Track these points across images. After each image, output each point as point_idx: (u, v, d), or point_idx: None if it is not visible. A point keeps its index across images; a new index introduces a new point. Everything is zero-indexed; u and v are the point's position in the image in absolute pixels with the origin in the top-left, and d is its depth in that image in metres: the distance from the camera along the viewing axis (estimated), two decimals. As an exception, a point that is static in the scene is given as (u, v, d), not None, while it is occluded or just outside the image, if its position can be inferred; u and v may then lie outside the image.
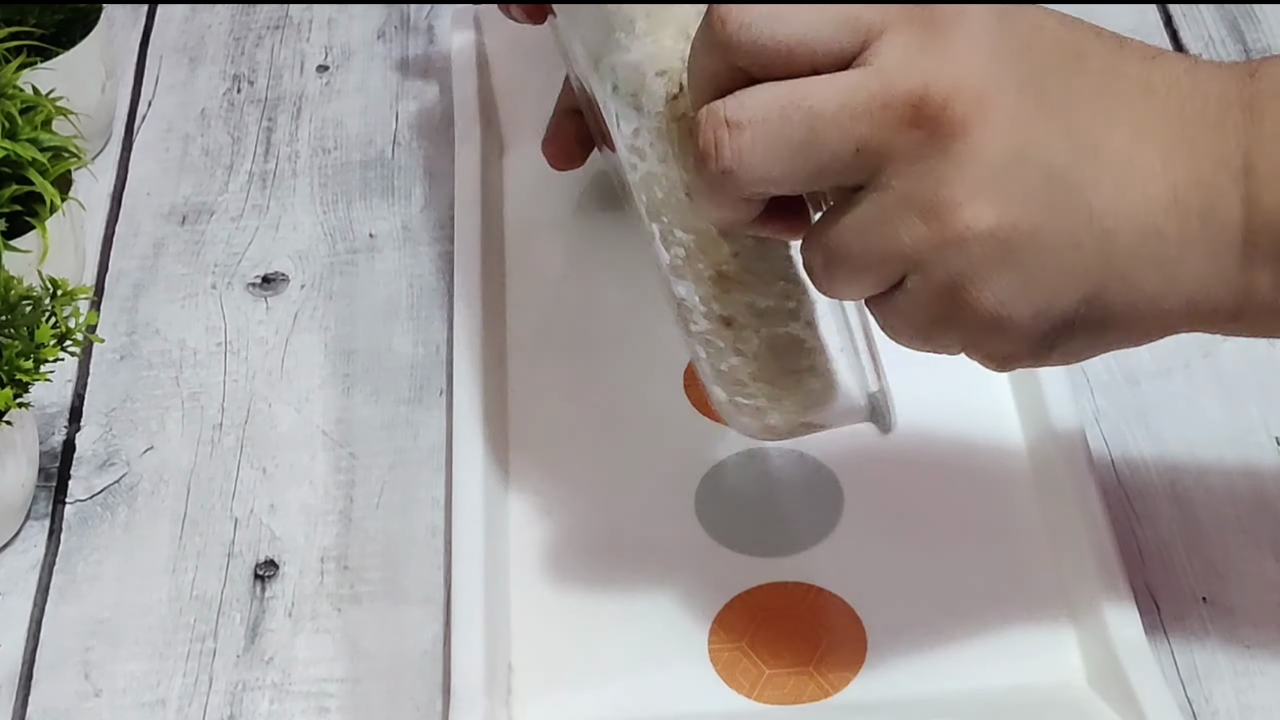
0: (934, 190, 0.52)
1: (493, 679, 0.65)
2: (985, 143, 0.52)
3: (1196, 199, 0.54)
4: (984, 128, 0.52)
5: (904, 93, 0.52)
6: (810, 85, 0.52)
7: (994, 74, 0.52)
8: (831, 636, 0.68)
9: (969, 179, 0.52)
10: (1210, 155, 0.54)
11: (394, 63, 0.95)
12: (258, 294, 0.84)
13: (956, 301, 0.54)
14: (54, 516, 0.75)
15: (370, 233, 0.86)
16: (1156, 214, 0.54)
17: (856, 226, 0.54)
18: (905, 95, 0.52)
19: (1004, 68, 0.53)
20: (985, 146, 0.52)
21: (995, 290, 0.54)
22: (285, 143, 0.91)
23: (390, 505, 0.74)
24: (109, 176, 0.90)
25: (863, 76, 0.52)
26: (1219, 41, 0.91)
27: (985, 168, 0.52)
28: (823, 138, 0.52)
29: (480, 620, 0.66)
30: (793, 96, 0.52)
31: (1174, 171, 0.54)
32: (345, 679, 0.69)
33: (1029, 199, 0.53)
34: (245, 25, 0.98)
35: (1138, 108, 0.55)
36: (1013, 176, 0.52)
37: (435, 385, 0.79)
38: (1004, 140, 0.52)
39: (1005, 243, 0.53)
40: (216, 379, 0.80)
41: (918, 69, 0.52)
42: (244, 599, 0.72)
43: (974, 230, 0.52)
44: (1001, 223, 0.53)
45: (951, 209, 0.52)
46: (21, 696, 0.69)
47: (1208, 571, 0.70)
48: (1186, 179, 0.54)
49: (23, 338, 0.70)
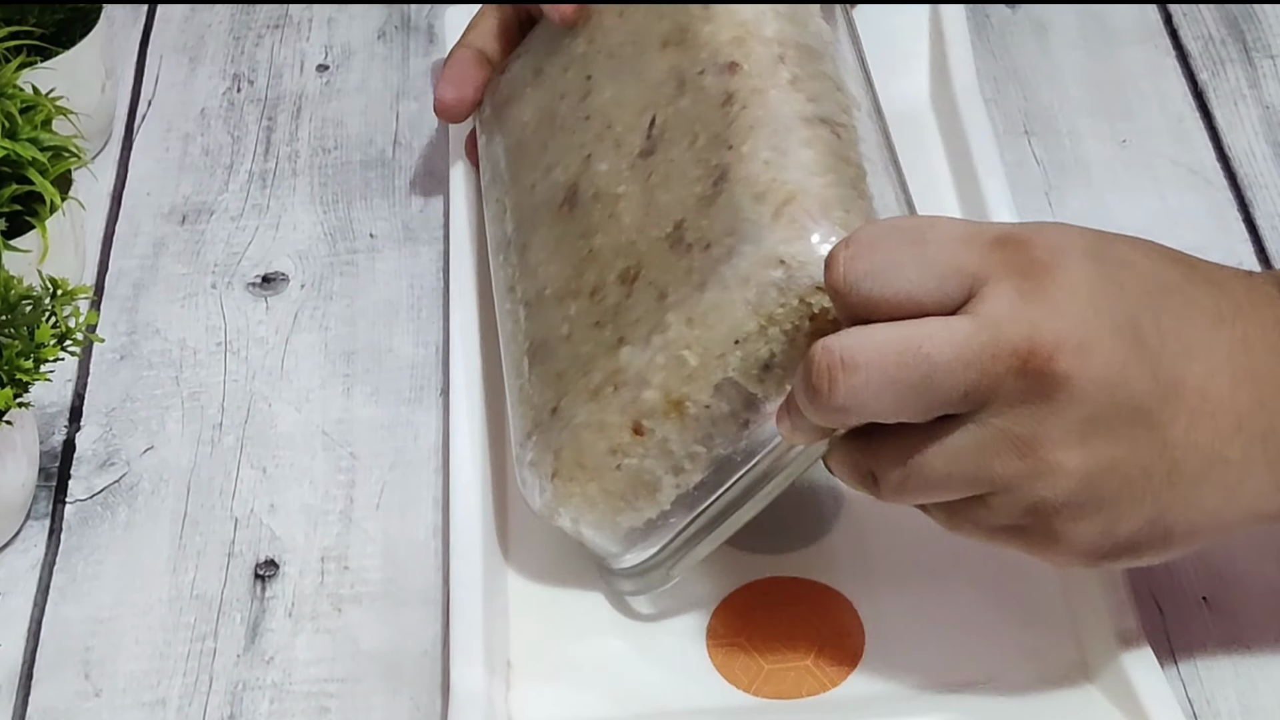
0: (1032, 429, 0.56)
1: (492, 677, 0.65)
2: (1084, 390, 0.56)
3: (1260, 422, 0.58)
4: (1084, 376, 0.56)
5: (1013, 345, 0.55)
6: (925, 333, 0.56)
7: (1093, 322, 0.56)
8: (830, 631, 0.68)
9: (1067, 422, 0.56)
10: (1272, 380, 0.58)
11: (394, 62, 0.95)
12: (258, 294, 0.84)
13: (1033, 521, 0.58)
14: (54, 516, 0.75)
15: (370, 233, 0.86)
16: (1222, 442, 0.58)
17: (949, 453, 0.57)
18: (1014, 348, 0.55)
19: (1101, 314, 0.56)
20: (1084, 393, 0.56)
21: (1071, 515, 0.57)
22: (285, 142, 0.91)
23: (390, 505, 0.74)
24: (109, 176, 0.90)
25: (974, 327, 0.56)
26: (1219, 41, 0.91)
27: (1083, 413, 0.56)
28: (936, 383, 0.56)
29: (479, 618, 0.66)
30: (909, 343, 0.56)
31: (1240, 399, 0.58)
32: (345, 679, 0.69)
33: (1116, 438, 0.56)
34: (245, 25, 0.98)
35: (1211, 340, 0.58)
36: (1105, 419, 0.56)
37: (435, 385, 0.79)
38: (1101, 386, 0.56)
39: (1089, 477, 0.57)
40: (216, 379, 0.80)
41: (1023, 320, 0.55)
42: (244, 599, 0.72)
43: (1066, 468, 0.56)
44: (1090, 461, 0.56)
45: (1048, 447, 0.56)
46: (22, 696, 0.69)
47: (1209, 573, 0.70)
48: (1250, 404, 0.58)
49: (23, 337, 0.70)
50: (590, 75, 0.71)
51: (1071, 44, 0.92)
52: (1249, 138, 0.86)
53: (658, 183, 0.64)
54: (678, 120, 0.65)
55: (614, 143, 0.68)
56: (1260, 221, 0.83)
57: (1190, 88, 0.89)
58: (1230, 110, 0.88)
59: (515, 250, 0.71)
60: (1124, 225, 0.82)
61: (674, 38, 0.67)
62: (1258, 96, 0.88)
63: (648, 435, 0.62)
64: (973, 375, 0.56)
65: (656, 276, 0.63)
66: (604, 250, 0.66)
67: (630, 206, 0.65)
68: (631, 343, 0.63)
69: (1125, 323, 0.57)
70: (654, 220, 0.64)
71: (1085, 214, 0.83)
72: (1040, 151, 0.87)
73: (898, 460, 0.58)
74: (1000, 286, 0.56)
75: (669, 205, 0.64)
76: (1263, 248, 0.81)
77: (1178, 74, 0.90)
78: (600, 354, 0.64)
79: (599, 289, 0.65)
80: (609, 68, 0.70)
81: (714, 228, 0.61)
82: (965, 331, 0.56)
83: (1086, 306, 0.56)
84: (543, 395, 0.66)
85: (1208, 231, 0.82)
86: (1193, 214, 0.83)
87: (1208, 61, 0.90)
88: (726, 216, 0.61)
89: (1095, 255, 0.58)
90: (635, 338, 0.63)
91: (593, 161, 0.68)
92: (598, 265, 0.66)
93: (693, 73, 0.65)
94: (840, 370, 0.56)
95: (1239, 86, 0.89)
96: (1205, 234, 0.82)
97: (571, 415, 0.64)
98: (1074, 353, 0.55)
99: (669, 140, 0.65)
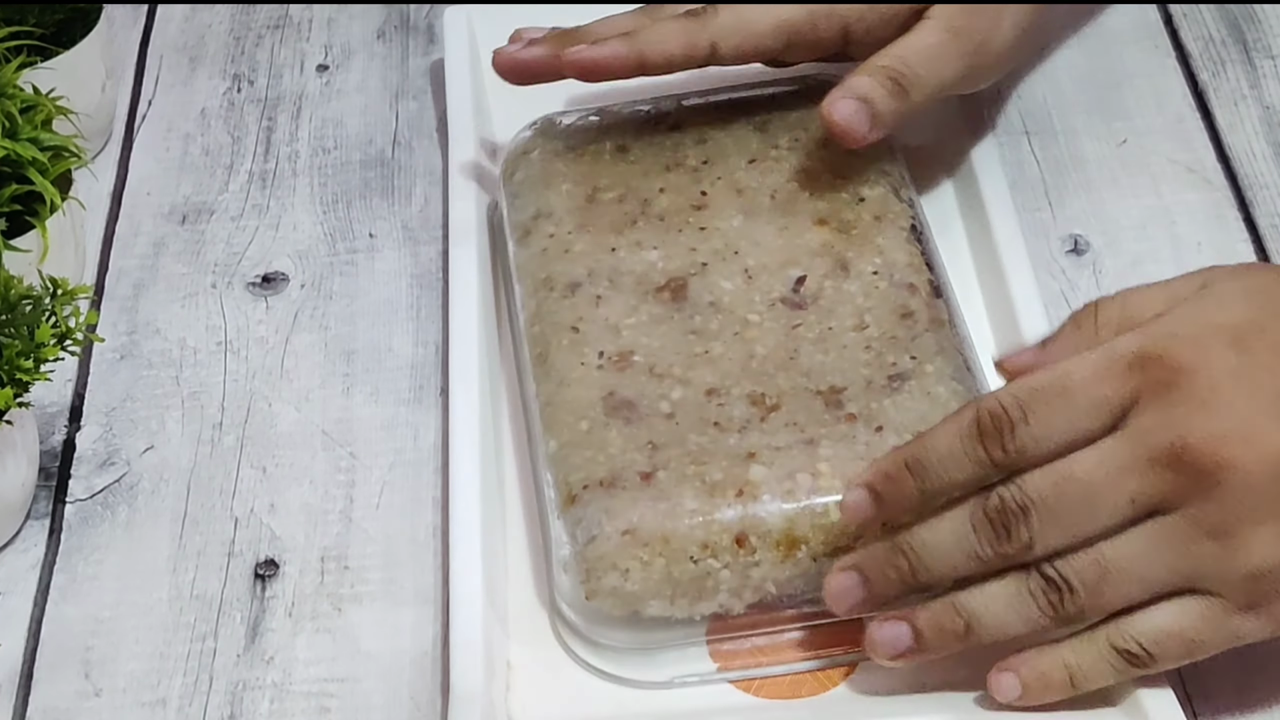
0: (1215, 514, 0.59)
1: (492, 677, 0.65)
2: (1252, 472, 0.59)
3: None
4: (1247, 459, 0.59)
5: (1163, 447, 0.59)
6: (1075, 458, 0.60)
7: (1242, 407, 0.59)
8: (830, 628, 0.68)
9: (1248, 502, 0.59)
10: None
11: (394, 62, 0.95)
12: (258, 293, 0.84)
13: (1258, 594, 0.60)
14: (54, 516, 0.75)
15: (370, 232, 0.86)
16: None
17: (1140, 552, 0.60)
18: (1165, 449, 0.59)
19: (1253, 398, 0.59)
20: (1253, 474, 0.59)
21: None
22: (285, 142, 0.91)
23: (390, 505, 0.74)
24: (109, 176, 0.90)
25: (1120, 441, 0.60)
26: (1219, 42, 0.91)
27: (1260, 492, 0.59)
28: (1096, 500, 0.60)
29: (479, 618, 0.66)
30: (1059, 472, 0.60)
31: None
32: (345, 679, 0.69)
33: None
34: (245, 25, 0.98)
35: None
36: (1277, 494, 0.59)
37: (435, 385, 0.79)
38: (1268, 463, 0.59)
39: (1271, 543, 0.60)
40: (216, 378, 0.80)
41: (1170, 424, 0.59)
42: (244, 598, 0.72)
43: (1264, 538, 0.59)
44: (1271, 533, 0.59)
45: (1236, 525, 0.59)
46: (22, 696, 0.69)
47: (1208, 571, 0.70)
48: None
49: (23, 337, 0.70)
50: (705, 192, 0.77)
51: (1071, 43, 0.92)
52: (1249, 138, 0.86)
53: (811, 339, 0.71)
54: (839, 298, 0.72)
55: (743, 271, 0.74)
56: (1260, 221, 0.83)
57: (1190, 88, 0.89)
58: (1230, 110, 0.88)
59: (584, 295, 0.73)
60: (1122, 225, 0.83)
61: (832, 222, 0.75)
62: (1258, 97, 0.88)
63: (745, 551, 0.65)
64: (1132, 484, 0.59)
65: (803, 422, 0.68)
66: (725, 361, 0.70)
67: (766, 340, 0.71)
68: (767, 465, 0.66)
69: (1276, 400, 0.60)
70: (802, 370, 0.69)
71: (1084, 213, 0.83)
72: (1039, 151, 0.87)
73: (1093, 567, 0.60)
74: (1145, 403, 0.60)
75: (825, 366, 0.69)
76: (1263, 248, 0.81)
77: (1178, 74, 0.90)
78: (721, 456, 0.67)
79: (717, 393, 0.69)
80: (734, 200, 0.77)
81: (892, 418, 0.67)
82: (1111, 446, 0.60)
83: (1234, 396, 0.59)
84: (626, 453, 0.67)
85: (1207, 231, 0.82)
86: (1192, 214, 0.83)
87: (1208, 62, 0.90)
88: (911, 417, 0.67)
89: (1239, 343, 0.61)
90: (773, 463, 0.66)
91: (710, 272, 0.74)
92: (716, 371, 0.70)
93: (864, 269, 0.73)
94: (1016, 518, 0.60)
95: (1239, 87, 0.89)
96: (1205, 234, 0.82)
97: (676, 494, 0.66)
98: (1227, 442, 0.59)
99: (826, 309, 0.72)
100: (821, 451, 0.66)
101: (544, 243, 0.76)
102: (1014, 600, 0.62)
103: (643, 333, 0.71)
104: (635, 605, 0.65)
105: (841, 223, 0.75)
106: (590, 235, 0.76)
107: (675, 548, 0.65)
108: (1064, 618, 0.61)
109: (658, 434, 0.68)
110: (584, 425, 0.69)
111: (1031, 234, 0.82)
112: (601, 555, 0.65)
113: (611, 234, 0.75)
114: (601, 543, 0.65)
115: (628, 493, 0.66)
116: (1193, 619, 0.61)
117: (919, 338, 0.70)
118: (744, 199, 0.76)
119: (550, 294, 0.74)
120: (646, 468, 0.66)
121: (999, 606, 0.62)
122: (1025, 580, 0.62)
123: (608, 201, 0.77)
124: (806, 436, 0.67)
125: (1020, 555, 0.61)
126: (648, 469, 0.66)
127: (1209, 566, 0.60)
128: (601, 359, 0.71)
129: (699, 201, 0.77)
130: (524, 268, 0.76)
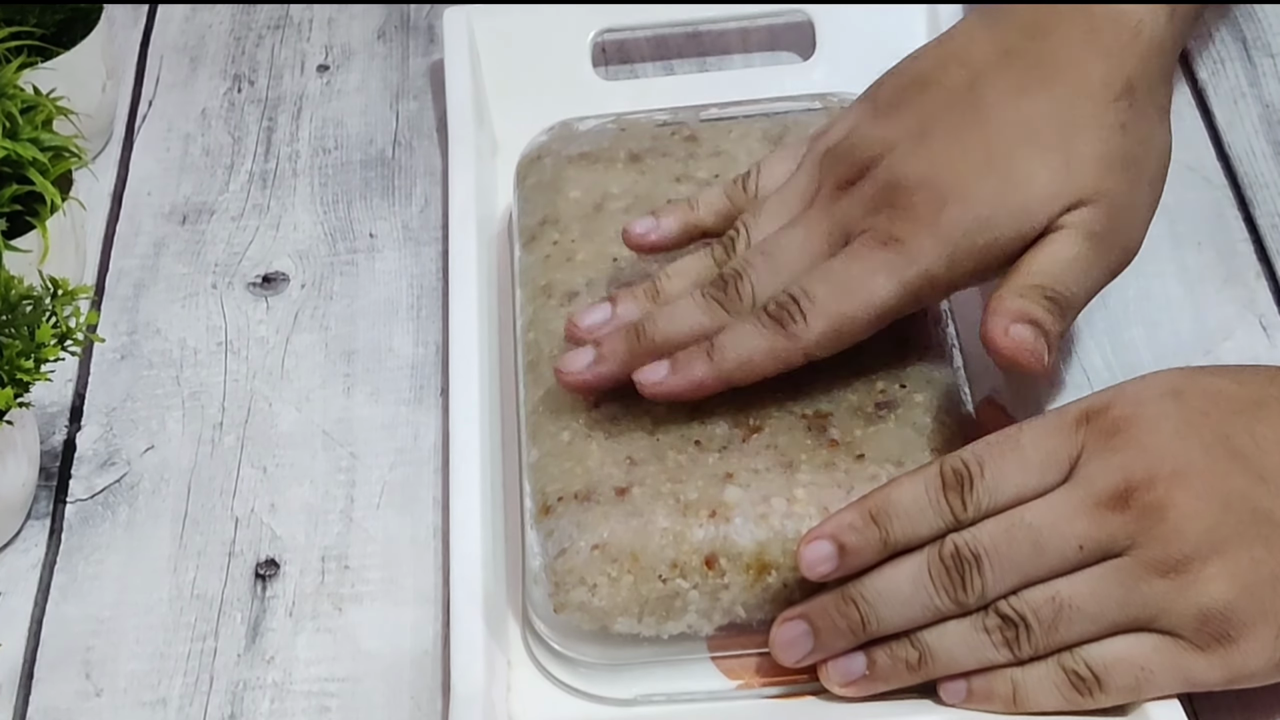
0: (1163, 552, 0.60)
1: (492, 677, 0.65)
2: (1194, 508, 0.60)
3: None
4: (1187, 496, 0.60)
5: (1109, 491, 0.60)
6: (1025, 507, 0.61)
7: (1178, 447, 0.61)
8: None
9: (1193, 539, 0.60)
10: None
11: (394, 62, 0.95)
12: (258, 293, 0.84)
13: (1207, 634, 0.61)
14: (55, 516, 0.75)
15: (370, 232, 0.86)
16: None
17: (1094, 590, 0.61)
18: (1110, 492, 0.60)
19: (1188, 439, 0.61)
20: (1195, 510, 0.60)
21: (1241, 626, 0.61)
22: (286, 142, 0.91)
23: (390, 505, 0.75)
24: (110, 176, 0.90)
25: (1067, 489, 0.61)
26: (1219, 42, 0.91)
27: (1203, 527, 0.60)
28: (1046, 547, 0.61)
29: (480, 618, 0.66)
30: (1013, 519, 0.61)
31: None
32: (345, 679, 0.69)
33: (1249, 542, 0.60)
34: (246, 25, 0.98)
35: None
36: (1230, 528, 0.60)
37: (435, 385, 0.79)
38: (1208, 500, 0.60)
39: (1239, 581, 0.60)
40: (217, 378, 0.80)
41: (1112, 468, 0.61)
42: (245, 598, 0.72)
43: (1211, 575, 0.60)
44: (1233, 568, 0.60)
45: (1185, 562, 0.60)
46: (22, 696, 0.69)
47: (1208, 570, 0.70)
48: None
49: (23, 337, 0.70)
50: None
51: (1071, 43, 0.92)
52: (1249, 136, 0.86)
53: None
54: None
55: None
56: (1260, 221, 0.83)
57: (1190, 85, 0.89)
58: (1230, 108, 0.88)
59: (581, 305, 0.73)
60: (1124, 224, 0.83)
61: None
62: (1258, 95, 0.88)
63: (714, 573, 0.65)
64: (1079, 527, 0.60)
65: (784, 445, 0.67)
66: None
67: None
68: (743, 487, 0.66)
69: (1215, 441, 0.61)
70: (789, 393, 0.69)
71: (1085, 213, 0.83)
72: (1040, 150, 0.86)
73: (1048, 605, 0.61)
74: (1090, 452, 0.61)
75: (813, 390, 0.69)
76: (1263, 247, 0.81)
77: (1177, 72, 0.90)
78: (699, 475, 0.66)
79: (701, 411, 0.68)
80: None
81: (875, 447, 0.67)
82: (1060, 494, 0.61)
83: (1171, 438, 0.61)
84: (603, 467, 0.67)
85: (1207, 230, 0.82)
86: (1192, 212, 0.83)
87: (1207, 60, 0.90)
88: (894, 447, 0.67)
89: (1175, 393, 0.62)
90: (749, 485, 0.66)
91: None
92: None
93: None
94: (969, 566, 0.61)
95: (1239, 85, 0.89)
96: (1205, 233, 0.82)
97: (649, 511, 0.65)
98: (1169, 480, 0.60)
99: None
100: (799, 477, 0.66)
101: (548, 249, 0.76)
102: (969, 636, 0.62)
103: None
104: (603, 621, 0.65)
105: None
106: (594, 244, 0.76)
107: (644, 565, 0.65)
108: (1019, 655, 0.62)
109: (638, 449, 0.67)
110: (565, 436, 0.69)
111: (1031, 233, 0.82)
112: (570, 569, 0.65)
113: (615, 244, 0.75)
114: (571, 556, 0.65)
115: (601, 507, 0.66)
116: (1145, 650, 0.61)
117: (913, 366, 0.70)
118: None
119: (548, 301, 0.74)
120: (622, 483, 0.66)
121: (954, 641, 0.62)
122: (982, 617, 0.62)
123: (615, 211, 0.77)
124: (786, 460, 0.66)
125: (975, 604, 0.62)
126: (624, 484, 0.66)
127: (1161, 604, 0.60)
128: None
129: None
130: (526, 273, 0.76)
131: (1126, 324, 0.79)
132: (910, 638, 0.63)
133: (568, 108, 0.84)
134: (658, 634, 0.65)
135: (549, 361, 0.71)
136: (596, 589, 0.64)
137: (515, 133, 0.85)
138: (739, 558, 0.64)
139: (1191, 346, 0.78)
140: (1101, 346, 0.78)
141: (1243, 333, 0.78)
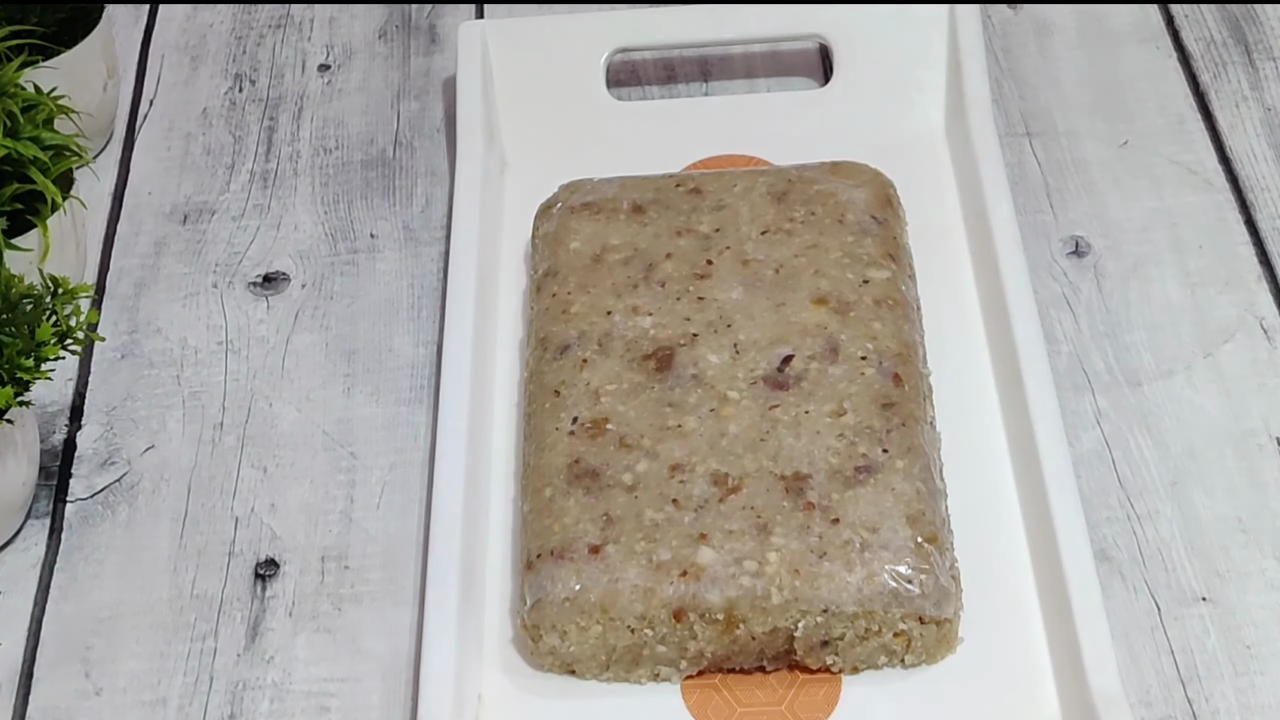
0: None
1: (461, 711, 0.65)
2: None
3: None
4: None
5: None
6: None
7: None
8: (805, 676, 0.68)
9: None
10: None
11: (395, 62, 0.95)
12: (259, 293, 0.84)
13: None
14: (55, 515, 0.75)
15: (371, 233, 0.86)
16: None
17: None
18: None
19: None
20: None
21: None
22: (286, 142, 0.91)
23: (390, 505, 0.75)
24: (110, 175, 0.90)
25: None
26: (1220, 42, 0.91)
27: None
28: None
29: (452, 652, 0.66)
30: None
31: None
32: (345, 679, 0.69)
33: None
34: (247, 24, 0.98)
35: None
36: None
37: (435, 385, 0.79)
38: None
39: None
40: (217, 378, 0.80)
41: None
42: (244, 598, 0.72)
43: None
44: None
45: None
46: (22, 695, 0.69)
47: (1208, 571, 0.70)
48: None
49: (23, 336, 0.70)
50: (711, 261, 0.76)
51: (1072, 45, 0.92)
52: (1250, 139, 0.86)
53: (786, 422, 0.70)
54: (823, 380, 0.72)
55: (732, 345, 0.73)
56: (1262, 224, 0.83)
57: (1191, 89, 0.89)
58: (1232, 112, 0.88)
59: (571, 358, 0.73)
60: (1124, 227, 0.83)
61: (832, 302, 0.74)
62: (1259, 98, 0.88)
63: (683, 626, 0.66)
64: None
65: (761, 506, 0.68)
66: (695, 437, 0.70)
67: (741, 419, 0.70)
68: (716, 549, 0.66)
69: None
70: (770, 453, 0.69)
71: (1085, 215, 0.83)
72: (1040, 152, 0.87)
73: None
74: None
75: (794, 451, 0.69)
76: (1264, 250, 0.81)
77: (1179, 75, 0.90)
78: (673, 534, 0.67)
79: (681, 469, 0.69)
80: (738, 272, 0.76)
81: (850, 511, 0.67)
82: None
83: None
84: (579, 524, 0.68)
85: (1209, 233, 0.82)
86: (1194, 215, 0.83)
87: (1209, 63, 0.91)
88: (870, 512, 0.67)
89: None
90: (723, 547, 0.66)
91: (699, 344, 0.73)
92: (685, 446, 0.70)
93: (853, 353, 0.72)
94: None
95: (1240, 88, 0.89)
96: (1206, 236, 0.82)
97: (620, 567, 0.66)
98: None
99: (807, 392, 0.71)
100: (773, 540, 0.66)
101: (548, 301, 0.76)
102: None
103: (620, 400, 0.72)
104: (573, 666, 0.67)
105: (841, 303, 0.74)
106: (589, 296, 0.76)
107: (613, 617, 0.66)
108: None
109: (615, 506, 0.68)
110: (548, 492, 0.69)
111: (1033, 236, 0.82)
112: (544, 617, 0.66)
113: (611, 297, 0.75)
114: (545, 606, 0.66)
115: (574, 564, 0.67)
116: None
117: (894, 431, 0.70)
118: (748, 270, 0.76)
119: (544, 354, 0.74)
120: (597, 540, 0.67)
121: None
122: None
123: (613, 263, 0.77)
124: (761, 522, 0.67)
125: None
126: (598, 542, 0.67)
127: None
128: (575, 425, 0.71)
129: (703, 270, 0.76)
130: (531, 324, 0.77)
131: (1127, 327, 0.79)
132: None
133: (580, 126, 0.84)
134: (626, 679, 0.67)
135: (541, 415, 0.72)
136: (567, 635, 0.66)
137: (525, 151, 0.85)
138: (708, 612, 0.66)
139: (1192, 349, 0.78)
140: (1103, 349, 0.78)
141: (1243, 336, 0.78)
